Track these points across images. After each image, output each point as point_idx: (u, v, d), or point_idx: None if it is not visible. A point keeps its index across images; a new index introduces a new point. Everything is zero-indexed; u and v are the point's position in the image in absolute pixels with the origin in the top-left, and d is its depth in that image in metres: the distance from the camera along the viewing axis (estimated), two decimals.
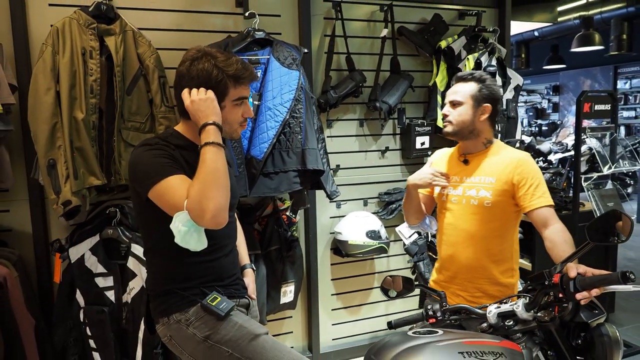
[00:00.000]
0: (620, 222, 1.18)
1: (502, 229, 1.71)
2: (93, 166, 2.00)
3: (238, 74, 1.40)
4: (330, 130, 2.75)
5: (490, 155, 1.74)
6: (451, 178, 1.78)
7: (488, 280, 1.72)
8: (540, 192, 1.62)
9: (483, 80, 1.72)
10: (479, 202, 1.69)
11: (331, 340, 2.91)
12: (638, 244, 5.66)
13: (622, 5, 6.01)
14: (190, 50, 1.43)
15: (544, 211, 1.60)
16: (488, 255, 1.71)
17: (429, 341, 1.15)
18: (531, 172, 1.65)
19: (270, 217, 2.51)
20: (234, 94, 1.41)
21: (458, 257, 1.74)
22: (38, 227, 2.19)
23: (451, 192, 1.77)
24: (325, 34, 2.68)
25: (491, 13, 3.06)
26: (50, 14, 2.12)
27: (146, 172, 1.33)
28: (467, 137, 1.73)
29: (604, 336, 1.21)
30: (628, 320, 3.65)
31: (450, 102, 1.74)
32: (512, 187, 1.65)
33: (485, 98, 1.70)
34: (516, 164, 1.66)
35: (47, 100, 1.91)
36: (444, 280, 1.80)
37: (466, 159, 1.77)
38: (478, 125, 1.71)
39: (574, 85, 10.93)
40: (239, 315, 1.47)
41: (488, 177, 1.70)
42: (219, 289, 1.47)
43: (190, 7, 2.41)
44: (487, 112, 1.71)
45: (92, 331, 2.10)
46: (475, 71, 1.77)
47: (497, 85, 1.76)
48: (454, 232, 1.76)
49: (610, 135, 3.24)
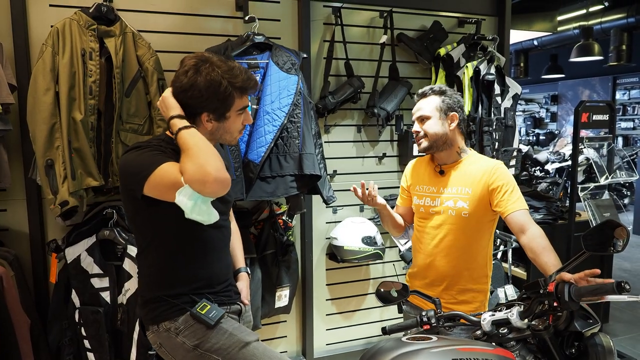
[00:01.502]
0: (617, 232, 1.19)
1: (478, 237, 1.75)
2: (91, 167, 2.00)
3: (244, 86, 1.42)
4: (328, 136, 2.75)
5: (465, 165, 1.77)
6: (428, 188, 1.82)
7: (462, 287, 1.76)
8: (515, 196, 1.66)
9: (443, 92, 1.78)
10: (456, 213, 1.72)
11: (325, 345, 2.90)
12: (633, 255, 5.67)
13: (622, 16, 6.05)
14: (189, 58, 1.40)
15: (520, 215, 1.63)
16: (464, 263, 1.74)
17: (423, 347, 1.15)
18: (505, 178, 1.69)
19: (267, 221, 2.52)
20: (239, 104, 1.43)
21: (435, 266, 1.78)
22: (35, 227, 2.19)
23: (428, 202, 1.80)
24: (325, 39, 2.69)
25: (491, 21, 3.08)
26: (50, 15, 2.13)
27: (138, 167, 1.32)
28: (442, 147, 1.77)
29: (597, 346, 1.21)
30: (622, 330, 3.65)
31: (418, 118, 1.80)
32: (488, 195, 1.69)
33: (450, 107, 1.76)
34: (490, 171, 1.70)
35: (46, 100, 1.91)
36: (420, 286, 1.82)
37: (442, 170, 1.81)
38: (450, 135, 1.76)
39: (572, 95, 10.98)
40: (230, 322, 1.46)
41: (465, 188, 1.73)
42: (210, 296, 1.46)
43: (190, 10, 2.42)
44: (455, 120, 1.76)
45: (87, 331, 2.10)
46: (433, 85, 1.83)
47: (458, 94, 1.81)
48: (431, 242, 1.79)
49: (608, 145, 3.25)
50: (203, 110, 1.39)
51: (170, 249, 1.44)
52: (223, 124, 1.44)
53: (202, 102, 1.37)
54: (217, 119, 1.42)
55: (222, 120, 1.43)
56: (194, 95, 1.37)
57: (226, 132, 1.45)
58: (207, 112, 1.40)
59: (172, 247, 1.44)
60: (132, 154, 1.37)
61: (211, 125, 1.43)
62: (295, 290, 2.63)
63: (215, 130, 1.44)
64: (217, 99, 1.38)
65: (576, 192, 3.06)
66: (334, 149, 2.78)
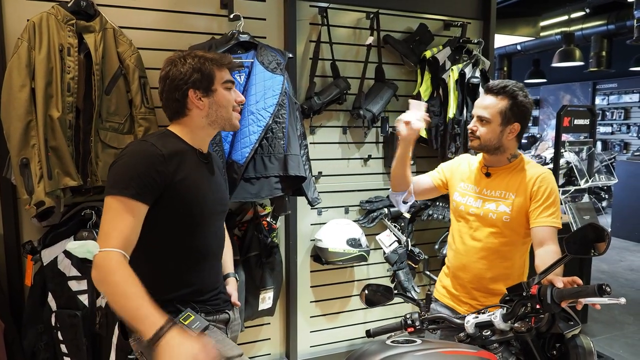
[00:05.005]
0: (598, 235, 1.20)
1: (517, 244, 1.71)
2: (68, 166, 1.95)
3: (215, 57, 1.44)
4: (313, 137, 2.74)
5: (512, 170, 1.73)
6: (472, 187, 1.78)
7: (497, 292, 1.69)
8: (550, 211, 1.61)
9: (515, 97, 1.65)
10: (497, 217, 1.69)
11: (309, 347, 2.88)
12: (611, 257, 5.79)
13: (603, 22, 6.18)
14: (172, 55, 1.46)
15: (545, 230, 1.59)
16: (501, 268, 1.71)
17: (407, 350, 1.14)
18: (547, 190, 1.63)
19: (251, 222, 2.49)
20: (220, 76, 1.44)
21: (470, 268, 1.75)
22: (9, 228, 2.12)
23: (470, 202, 1.76)
24: (311, 39, 2.67)
25: (476, 25, 3.11)
26: (27, 8, 2.07)
27: (112, 178, 1.31)
28: (493, 152, 1.72)
29: (578, 347, 1.22)
30: (601, 331, 3.72)
31: (478, 117, 1.70)
32: (529, 202, 1.65)
33: (515, 116, 1.66)
34: (536, 179, 1.66)
35: (22, 97, 1.85)
36: (452, 286, 1.81)
37: (488, 172, 1.76)
38: (505, 143, 1.69)
39: (554, 99, 11.18)
40: (214, 334, 1.43)
41: (509, 192, 1.69)
42: (196, 305, 1.43)
43: (173, 7, 2.37)
44: (516, 131, 1.68)
45: (64, 335, 2.04)
46: (507, 82, 1.68)
47: (529, 99, 1.69)
48: (468, 242, 1.75)
49: (588, 149, 3.31)
50: (188, 87, 1.40)
51: (158, 255, 1.40)
52: (213, 98, 1.43)
53: (184, 79, 1.39)
54: (205, 94, 1.42)
55: (211, 95, 1.43)
56: (175, 76, 1.40)
57: (220, 105, 1.44)
58: (192, 89, 1.40)
59: (160, 253, 1.40)
60: (123, 156, 1.34)
61: (202, 104, 1.42)
62: (279, 293, 2.60)
63: (209, 109, 1.43)
64: (196, 72, 1.40)
65: None
66: (319, 150, 2.76)
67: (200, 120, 1.44)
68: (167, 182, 1.33)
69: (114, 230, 1.23)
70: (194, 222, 1.42)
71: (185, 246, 1.40)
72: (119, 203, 1.26)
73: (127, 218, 1.25)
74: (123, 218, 1.25)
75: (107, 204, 1.28)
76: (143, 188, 1.28)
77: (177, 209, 1.36)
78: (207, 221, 1.46)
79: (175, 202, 1.35)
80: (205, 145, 1.51)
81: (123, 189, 1.26)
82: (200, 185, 1.43)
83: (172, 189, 1.34)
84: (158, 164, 1.31)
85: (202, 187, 1.43)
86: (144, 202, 1.29)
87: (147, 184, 1.29)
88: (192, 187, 1.39)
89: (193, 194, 1.39)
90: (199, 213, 1.42)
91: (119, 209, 1.25)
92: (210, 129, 1.47)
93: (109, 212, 1.27)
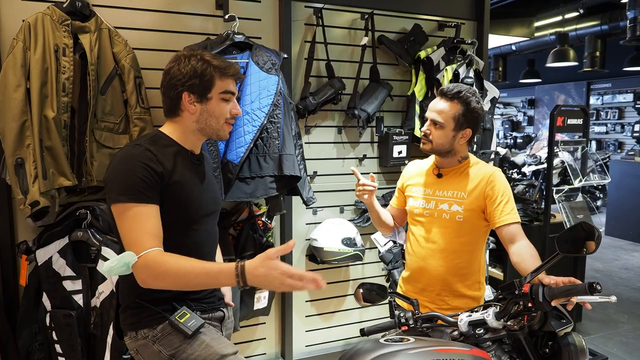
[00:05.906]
0: (589, 234, 1.21)
1: (472, 243, 1.74)
2: (63, 166, 1.95)
3: (222, 65, 1.42)
4: (309, 137, 2.74)
5: (463, 171, 1.76)
6: (424, 190, 1.81)
7: (456, 292, 1.74)
8: (509, 208, 1.65)
9: (468, 103, 1.68)
10: (450, 217, 1.71)
11: (304, 346, 2.89)
12: (606, 256, 5.83)
13: (597, 23, 6.21)
14: (181, 52, 1.45)
15: (512, 228, 1.63)
16: (457, 268, 1.73)
17: (401, 349, 1.15)
18: (501, 189, 1.67)
19: (246, 222, 2.49)
20: (221, 85, 1.42)
21: (428, 270, 1.76)
22: (4, 228, 2.11)
23: (423, 205, 1.79)
24: (306, 40, 2.68)
25: (470, 25, 3.12)
26: (22, 9, 2.07)
27: (114, 182, 1.32)
28: (444, 155, 1.75)
29: (570, 345, 1.24)
30: (594, 329, 3.74)
31: (432, 121, 1.72)
32: (483, 202, 1.68)
33: (468, 122, 1.69)
34: (488, 179, 1.69)
35: (17, 97, 1.85)
36: (413, 291, 1.81)
37: (440, 173, 1.80)
38: (456, 147, 1.73)
39: (548, 99, 11.24)
40: (209, 332, 1.44)
41: (460, 192, 1.72)
42: (191, 303, 1.44)
43: (169, 8, 2.38)
44: (467, 137, 1.72)
45: (59, 335, 2.04)
46: (461, 87, 1.70)
47: (481, 105, 1.73)
48: (424, 245, 1.77)
49: (582, 149, 3.33)
50: (183, 89, 1.39)
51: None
52: (206, 106, 1.42)
53: (181, 79, 1.38)
54: (198, 100, 1.41)
55: (205, 102, 1.41)
56: (174, 75, 1.39)
57: (210, 115, 1.42)
58: (187, 92, 1.39)
59: None
60: (118, 162, 1.35)
61: (194, 109, 1.41)
62: (274, 292, 2.61)
63: (200, 115, 1.42)
64: (196, 76, 1.38)
65: (551, 195, 3.13)
66: (314, 150, 2.77)
67: (191, 124, 1.44)
68: (164, 184, 1.34)
69: (142, 235, 1.26)
70: (189, 221, 1.43)
71: (180, 245, 1.41)
72: (135, 209, 1.28)
73: (149, 221, 1.28)
74: (146, 221, 1.28)
75: (121, 212, 1.29)
76: (150, 190, 1.31)
77: (173, 209, 1.37)
78: (201, 220, 1.47)
79: (171, 202, 1.37)
80: (197, 147, 1.52)
81: (132, 195, 1.28)
82: (194, 185, 1.44)
83: (168, 190, 1.36)
84: (155, 167, 1.33)
85: (195, 188, 1.45)
86: (156, 203, 1.32)
87: (151, 186, 1.31)
88: (186, 188, 1.40)
89: (187, 195, 1.41)
90: (193, 213, 1.44)
91: (136, 215, 1.27)
92: (200, 134, 1.47)
93: (127, 220, 1.28)
